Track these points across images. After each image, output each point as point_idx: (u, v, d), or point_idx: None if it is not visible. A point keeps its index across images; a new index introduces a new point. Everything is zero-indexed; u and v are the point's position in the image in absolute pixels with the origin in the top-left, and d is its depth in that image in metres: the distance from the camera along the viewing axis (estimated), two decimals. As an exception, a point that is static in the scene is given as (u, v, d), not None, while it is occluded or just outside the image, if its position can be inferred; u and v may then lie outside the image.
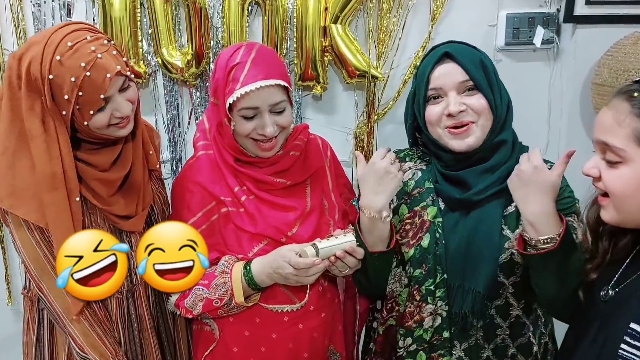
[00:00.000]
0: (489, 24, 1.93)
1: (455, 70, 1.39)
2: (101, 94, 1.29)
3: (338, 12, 1.87)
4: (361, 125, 2.01)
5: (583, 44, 1.90)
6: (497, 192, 1.39)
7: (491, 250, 1.38)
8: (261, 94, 1.39)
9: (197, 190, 1.51)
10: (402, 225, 1.50)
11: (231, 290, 1.45)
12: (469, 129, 1.39)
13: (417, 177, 1.52)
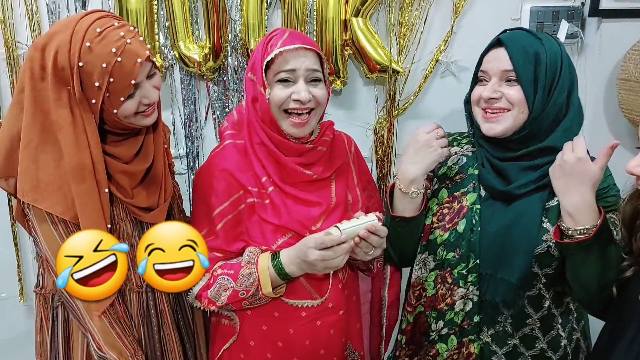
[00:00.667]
0: (513, 18, 1.91)
1: (503, 58, 1.41)
2: (132, 79, 1.29)
3: (359, 5, 1.85)
4: (381, 120, 1.99)
5: (608, 39, 1.88)
6: (540, 186, 1.39)
7: (528, 242, 1.40)
8: (298, 56, 1.42)
9: (224, 178, 1.51)
10: (439, 209, 1.53)
11: (258, 281, 1.44)
12: (501, 116, 1.41)
13: (462, 162, 1.55)
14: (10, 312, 2.17)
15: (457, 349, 1.49)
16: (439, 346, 1.51)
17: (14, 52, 1.99)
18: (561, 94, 1.39)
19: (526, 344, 1.45)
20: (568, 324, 1.47)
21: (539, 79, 1.38)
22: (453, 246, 1.47)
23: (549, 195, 1.39)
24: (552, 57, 1.39)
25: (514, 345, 1.45)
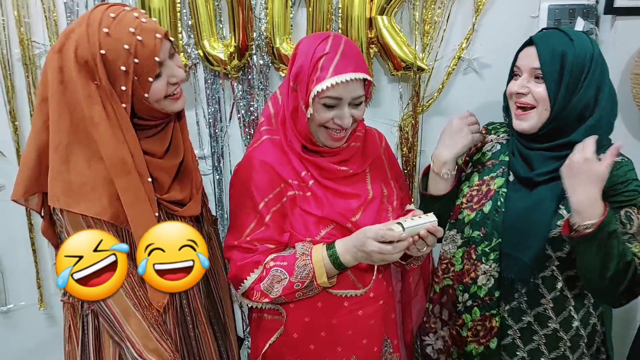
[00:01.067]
0: (531, 16, 1.96)
1: (532, 55, 1.50)
2: (155, 56, 1.28)
3: (384, 4, 1.89)
4: (406, 117, 2.03)
5: (622, 35, 1.96)
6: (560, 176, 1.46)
7: (542, 226, 1.49)
8: (348, 86, 1.43)
9: (267, 171, 1.53)
10: (469, 191, 1.65)
11: (313, 272, 1.47)
12: (529, 113, 1.51)
13: (495, 149, 1.66)
14: (31, 320, 2.13)
15: (481, 321, 1.60)
16: (465, 317, 1.63)
17: (29, 52, 1.95)
18: (587, 93, 1.47)
19: (540, 322, 1.55)
20: (582, 308, 1.55)
21: (564, 78, 1.46)
22: (479, 225, 1.58)
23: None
24: (580, 56, 1.47)
25: (528, 322, 1.56)
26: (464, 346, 1.64)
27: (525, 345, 1.57)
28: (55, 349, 2.19)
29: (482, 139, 1.68)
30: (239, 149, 2.04)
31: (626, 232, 1.45)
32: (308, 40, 1.50)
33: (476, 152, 1.71)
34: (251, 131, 2.02)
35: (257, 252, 1.53)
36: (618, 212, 1.45)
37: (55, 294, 2.13)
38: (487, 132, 1.72)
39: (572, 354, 1.56)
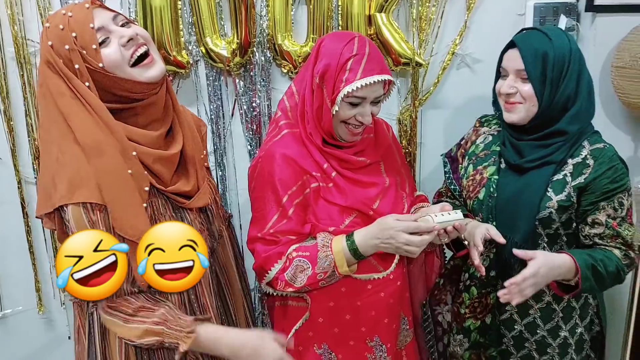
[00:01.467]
0: (518, 13, 2.09)
1: (517, 58, 1.61)
2: (89, 23, 1.29)
3: (383, 2, 1.96)
4: (404, 111, 2.11)
5: (602, 31, 2.10)
6: (547, 162, 1.61)
7: (532, 208, 1.62)
8: (373, 87, 1.52)
9: (289, 165, 1.57)
10: (467, 182, 1.77)
11: (334, 262, 1.53)
12: (516, 107, 1.63)
13: (487, 141, 1.78)
14: (29, 325, 2.09)
15: (478, 299, 1.73)
16: (464, 295, 1.77)
17: (24, 51, 1.91)
18: (569, 86, 1.59)
19: (535, 296, 1.63)
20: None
21: (547, 76, 1.59)
22: (476, 211, 1.71)
23: (556, 169, 1.60)
24: (560, 54, 1.59)
25: None
26: (463, 322, 1.77)
27: (522, 319, 1.70)
28: (54, 353, 2.17)
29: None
30: (242, 145, 2.07)
31: (616, 216, 1.58)
32: (332, 40, 1.55)
33: (471, 144, 1.80)
34: (253, 127, 2.05)
35: (280, 243, 1.57)
36: (612, 200, 1.58)
37: (53, 298, 2.10)
38: (481, 124, 1.83)
39: (565, 324, 1.70)
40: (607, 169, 1.58)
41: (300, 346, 1.68)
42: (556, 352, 1.71)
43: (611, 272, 1.58)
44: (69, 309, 2.12)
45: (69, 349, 2.15)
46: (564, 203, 1.59)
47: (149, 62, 1.35)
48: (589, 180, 1.58)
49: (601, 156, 1.59)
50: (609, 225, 1.59)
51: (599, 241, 1.62)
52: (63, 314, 2.14)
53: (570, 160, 1.62)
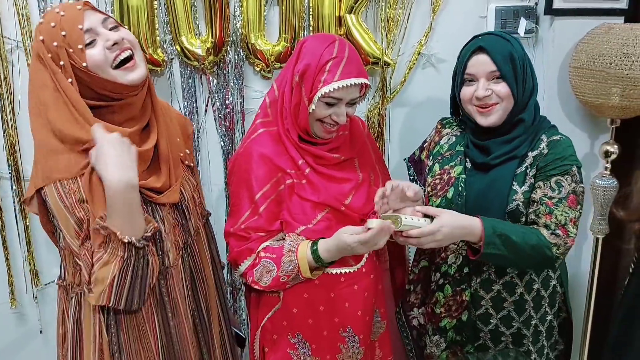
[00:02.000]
0: (480, 16, 2.20)
1: (487, 61, 1.68)
2: (79, 24, 1.38)
3: (352, 3, 2.05)
4: (372, 108, 2.20)
5: (560, 33, 2.21)
6: (512, 157, 1.69)
7: (500, 202, 1.70)
8: (349, 89, 1.60)
9: (264, 163, 1.65)
10: (433, 180, 1.82)
11: (297, 267, 1.62)
12: (493, 108, 1.69)
13: (451, 141, 1.85)
14: (1, 320, 2.10)
15: (452, 297, 1.78)
16: (438, 294, 1.82)
17: (1, 48, 1.96)
18: (529, 80, 1.70)
19: (508, 290, 1.75)
20: (542, 273, 1.77)
21: (517, 74, 1.68)
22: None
23: (519, 163, 1.69)
24: (520, 53, 1.70)
25: (498, 291, 1.76)
26: (439, 322, 1.81)
27: (498, 312, 1.76)
28: (26, 348, 2.20)
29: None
30: (215, 141, 2.14)
31: (552, 196, 1.65)
32: (314, 41, 1.64)
33: (434, 145, 1.88)
34: (226, 124, 2.12)
35: (250, 239, 1.67)
36: (549, 180, 1.65)
37: (26, 293, 2.13)
38: (442, 126, 1.90)
39: (535, 313, 1.77)
40: (555, 157, 1.67)
41: (275, 334, 1.75)
42: (530, 340, 1.79)
43: (531, 244, 1.61)
44: (41, 304, 2.16)
45: (40, 343, 2.19)
46: (527, 194, 1.67)
47: (131, 65, 1.43)
48: (540, 167, 1.67)
49: (555, 146, 1.69)
50: (543, 203, 1.65)
51: (536, 219, 1.67)
52: (35, 309, 2.17)
53: (531, 153, 1.70)
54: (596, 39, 2.10)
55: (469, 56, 1.71)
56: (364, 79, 1.61)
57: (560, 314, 1.87)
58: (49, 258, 2.13)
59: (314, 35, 1.80)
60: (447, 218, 1.59)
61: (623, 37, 2.04)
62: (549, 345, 1.83)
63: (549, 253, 1.64)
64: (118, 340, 1.50)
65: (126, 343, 1.51)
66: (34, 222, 2.08)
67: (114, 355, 1.49)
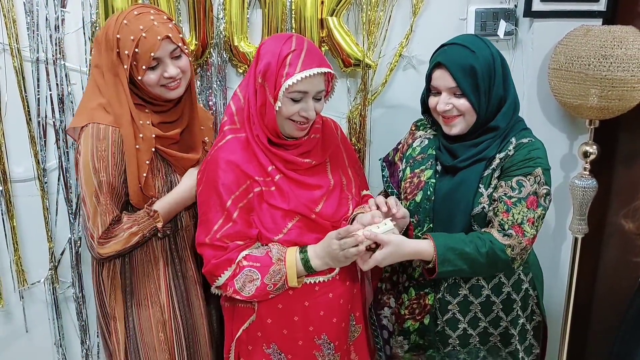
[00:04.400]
0: (460, 18, 2.29)
1: (446, 77, 1.73)
2: (152, 52, 1.67)
3: (334, 6, 2.13)
4: (353, 109, 2.28)
5: (539, 35, 2.31)
6: (479, 159, 1.75)
7: (466, 205, 1.75)
8: (313, 81, 1.63)
9: (232, 169, 1.68)
10: (404, 184, 1.87)
11: (285, 276, 1.66)
12: (455, 120, 1.76)
13: (424, 144, 1.90)
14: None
15: (416, 300, 1.85)
16: (403, 296, 1.89)
17: (-10, 48, 2.04)
18: (498, 90, 1.75)
19: (474, 293, 1.81)
20: (513, 276, 1.83)
21: (480, 87, 1.71)
22: (413, 213, 1.82)
23: (485, 166, 1.74)
24: (485, 64, 1.72)
25: (464, 295, 1.81)
26: (403, 323, 1.88)
27: (464, 316, 1.83)
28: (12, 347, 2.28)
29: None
30: (199, 142, 2.21)
31: (512, 196, 1.70)
32: (271, 41, 1.69)
33: (407, 147, 1.94)
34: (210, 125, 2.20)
35: (228, 249, 1.69)
36: (510, 179, 1.70)
37: (14, 292, 2.22)
38: (417, 128, 1.96)
39: (505, 315, 1.83)
40: (520, 159, 1.72)
41: (250, 345, 1.80)
42: (498, 339, 1.86)
43: (484, 252, 1.67)
44: (27, 303, 2.25)
45: (26, 342, 2.28)
46: (492, 196, 1.73)
47: (174, 88, 1.76)
48: (505, 168, 1.73)
49: (521, 148, 1.73)
50: (502, 201, 1.71)
51: (492, 217, 1.73)
52: (20, 308, 2.25)
53: (498, 155, 1.74)
54: (574, 40, 2.19)
55: (432, 69, 1.77)
56: (326, 68, 1.64)
57: (534, 317, 1.93)
58: (35, 258, 2.21)
59: (269, 37, 1.85)
60: (390, 249, 1.65)
61: (601, 39, 2.13)
62: (522, 349, 1.89)
63: (504, 256, 1.69)
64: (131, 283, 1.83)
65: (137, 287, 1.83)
66: (21, 222, 2.17)
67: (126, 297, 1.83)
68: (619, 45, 2.11)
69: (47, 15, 2.03)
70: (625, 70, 2.10)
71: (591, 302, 2.57)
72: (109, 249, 1.73)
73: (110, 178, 1.71)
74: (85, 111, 1.76)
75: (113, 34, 1.68)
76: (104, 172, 1.70)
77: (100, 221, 1.71)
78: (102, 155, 1.70)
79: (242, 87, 1.75)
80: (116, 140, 1.71)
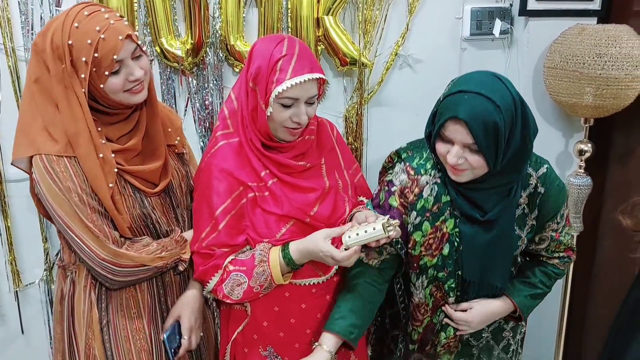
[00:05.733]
0: (456, 17, 2.34)
1: (464, 132, 1.55)
2: (114, 54, 1.52)
3: (330, 4, 2.17)
4: (350, 108, 2.33)
5: (534, 34, 2.37)
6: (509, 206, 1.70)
7: (509, 252, 1.76)
8: (305, 87, 1.61)
9: (224, 177, 1.69)
10: (425, 240, 1.74)
11: (270, 276, 1.66)
12: (464, 172, 1.62)
13: (435, 192, 1.73)
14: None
15: (454, 338, 1.84)
16: (440, 335, 1.84)
17: (-14, 49, 2.06)
18: (516, 142, 1.58)
19: (494, 336, 1.91)
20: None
21: (500, 145, 1.55)
22: (442, 267, 1.74)
23: (515, 208, 1.71)
24: (508, 118, 1.54)
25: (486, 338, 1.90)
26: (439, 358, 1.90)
27: (477, 341, 1.89)
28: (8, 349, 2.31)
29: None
30: (194, 141, 2.25)
31: (559, 227, 1.78)
32: (263, 43, 1.67)
33: (415, 198, 1.74)
34: (206, 124, 2.24)
35: (215, 256, 1.71)
36: (555, 216, 1.75)
37: (8, 292, 2.25)
38: (416, 172, 1.75)
39: (512, 338, 1.95)
40: (552, 192, 1.72)
41: (246, 348, 1.81)
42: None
43: (550, 284, 1.87)
44: (22, 304, 2.28)
45: (23, 344, 2.31)
46: (529, 236, 1.76)
47: (138, 91, 1.62)
48: (540, 206, 1.72)
49: (547, 181, 1.71)
50: (553, 238, 1.79)
51: (544, 253, 1.83)
52: (15, 309, 2.28)
53: (523, 192, 1.71)
54: (569, 39, 2.24)
55: (447, 118, 1.57)
56: (317, 74, 1.61)
57: (521, 329, 1.98)
58: (30, 259, 2.24)
59: (262, 37, 1.84)
60: (475, 312, 1.77)
61: (596, 37, 2.19)
62: None
63: (561, 277, 1.93)
64: (107, 315, 1.70)
65: (114, 318, 1.70)
66: (16, 222, 2.20)
67: (102, 329, 1.69)
68: (613, 44, 2.17)
69: (42, 15, 2.05)
70: (620, 68, 2.16)
71: (587, 298, 2.62)
72: (130, 259, 1.62)
73: (85, 197, 1.57)
74: (27, 137, 1.60)
75: (62, 40, 1.52)
76: (75, 193, 1.56)
77: (103, 235, 1.58)
78: (65, 177, 1.56)
79: (236, 88, 1.75)
80: (77, 172, 1.57)
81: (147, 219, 1.70)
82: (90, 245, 1.57)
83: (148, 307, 1.74)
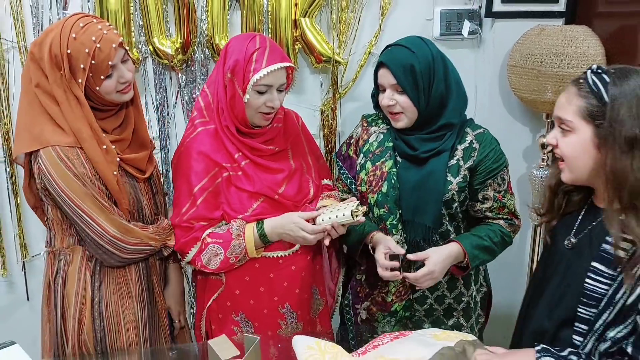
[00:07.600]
0: (427, 18, 2.59)
1: (389, 75, 1.99)
2: (109, 61, 1.79)
3: (306, 7, 2.45)
4: (326, 103, 2.60)
5: (499, 34, 2.60)
6: (440, 151, 2.01)
7: (438, 192, 2.01)
8: (277, 74, 1.92)
9: (202, 159, 1.98)
10: (367, 178, 2.10)
11: (245, 249, 1.95)
12: (399, 116, 2.02)
13: (380, 139, 2.13)
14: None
15: (402, 283, 2.07)
16: (390, 284, 2.08)
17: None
18: (439, 88, 1.98)
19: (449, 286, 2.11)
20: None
21: (419, 85, 1.95)
22: (381, 203, 2.06)
23: (449, 157, 2.01)
24: (424, 63, 1.95)
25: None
26: (390, 308, 2.13)
27: (432, 293, 2.11)
28: (15, 313, 2.63)
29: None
30: (183, 131, 2.52)
31: (500, 189, 2.03)
32: (237, 40, 1.98)
33: (363, 143, 2.15)
34: (194, 115, 2.54)
35: (194, 229, 1.99)
36: (496, 177, 2.00)
37: (16, 263, 2.57)
38: (369, 124, 2.18)
39: (466, 290, 2.13)
40: (489, 151, 2.01)
41: (220, 314, 2.09)
42: (461, 314, 2.14)
43: (497, 241, 2.03)
44: (28, 274, 2.59)
45: (27, 309, 2.62)
46: (461, 184, 2.00)
47: (126, 91, 1.89)
48: (477, 162, 2.00)
49: (484, 140, 2.02)
50: (496, 199, 2.03)
51: (489, 214, 2.06)
52: (22, 278, 2.59)
53: (459, 146, 2.02)
54: (529, 39, 2.47)
55: (378, 68, 2.03)
56: (288, 63, 1.93)
57: (482, 289, 2.21)
58: (36, 233, 2.54)
59: (234, 37, 2.11)
60: (435, 258, 1.95)
61: (554, 38, 2.40)
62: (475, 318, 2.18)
63: (509, 240, 2.11)
64: (99, 293, 1.93)
65: (106, 295, 1.93)
66: (24, 200, 2.48)
67: (94, 307, 1.92)
68: (569, 44, 2.38)
69: (50, 17, 2.37)
70: (575, 67, 2.36)
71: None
72: (136, 235, 1.92)
73: (95, 180, 1.83)
74: (30, 134, 1.83)
75: (61, 50, 1.76)
76: (87, 177, 1.81)
77: (113, 211, 1.87)
78: (79, 164, 1.81)
79: (210, 83, 2.02)
80: (87, 160, 1.82)
81: (138, 203, 1.97)
82: (101, 222, 1.84)
83: (135, 285, 1.99)
